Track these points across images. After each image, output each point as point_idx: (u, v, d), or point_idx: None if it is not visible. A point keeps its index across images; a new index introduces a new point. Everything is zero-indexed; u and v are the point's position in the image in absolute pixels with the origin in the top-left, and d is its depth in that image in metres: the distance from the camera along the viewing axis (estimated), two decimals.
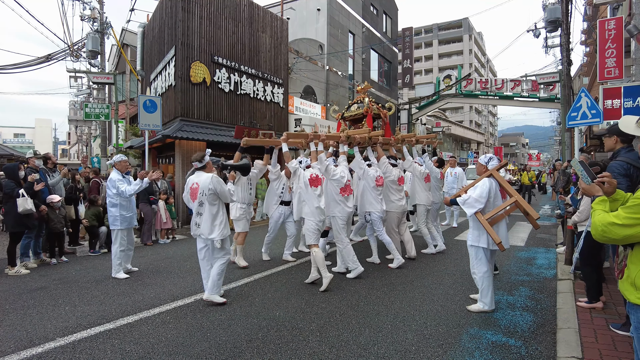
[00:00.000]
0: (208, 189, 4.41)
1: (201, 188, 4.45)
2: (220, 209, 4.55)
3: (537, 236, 9.14)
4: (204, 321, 3.98)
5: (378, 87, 28.46)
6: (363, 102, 7.33)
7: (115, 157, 6.01)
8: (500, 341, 3.54)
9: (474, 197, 4.13)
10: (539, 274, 5.85)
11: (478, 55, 69.70)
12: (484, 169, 4.39)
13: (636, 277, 1.94)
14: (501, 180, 4.35)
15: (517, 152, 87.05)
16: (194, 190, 4.52)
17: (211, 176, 4.45)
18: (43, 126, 61.93)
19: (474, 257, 4.28)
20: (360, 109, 7.28)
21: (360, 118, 7.32)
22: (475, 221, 4.20)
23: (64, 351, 3.34)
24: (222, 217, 4.54)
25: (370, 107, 7.14)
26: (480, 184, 4.21)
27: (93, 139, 31.40)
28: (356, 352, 3.32)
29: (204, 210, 4.48)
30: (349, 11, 23.95)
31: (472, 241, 4.28)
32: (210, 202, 4.46)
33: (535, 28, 17.46)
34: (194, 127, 12.60)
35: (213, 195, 4.44)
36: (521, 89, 29.06)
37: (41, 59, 16.94)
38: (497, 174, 4.34)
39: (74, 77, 23.22)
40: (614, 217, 1.89)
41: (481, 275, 4.22)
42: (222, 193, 4.48)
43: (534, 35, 17.77)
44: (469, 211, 4.12)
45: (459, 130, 47.16)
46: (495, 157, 4.47)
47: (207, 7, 13.49)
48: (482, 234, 4.18)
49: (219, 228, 4.48)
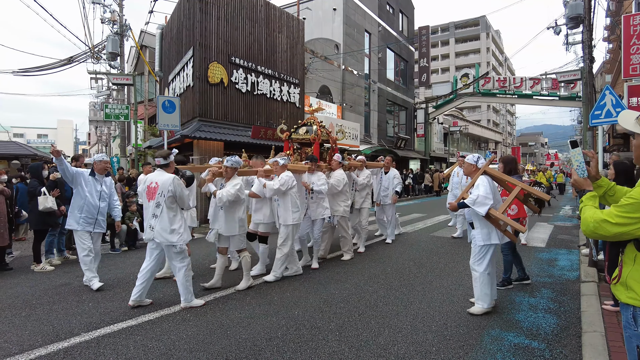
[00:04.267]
0: (168, 191, 4.17)
1: (160, 188, 4.20)
2: (178, 212, 4.32)
3: (558, 237, 8.95)
4: (224, 319, 4.02)
5: (394, 86, 28.30)
6: (312, 127, 6.90)
7: (96, 156, 5.62)
8: (523, 343, 3.47)
9: (482, 194, 3.95)
10: (561, 276, 5.72)
11: (496, 53, 68.68)
12: (474, 168, 4.29)
13: (628, 277, 1.93)
14: (498, 174, 4.29)
15: (536, 152, 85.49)
16: (152, 190, 4.26)
17: (172, 177, 4.22)
18: (65, 127, 63.58)
19: (478, 253, 4.16)
20: (308, 134, 6.84)
21: (309, 143, 6.91)
22: (481, 220, 4.08)
23: (89, 346, 3.41)
24: (181, 222, 4.31)
25: (318, 134, 6.75)
26: (481, 182, 4.06)
27: (112, 139, 32.02)
28: (376, 352, 3.30)
29: (160, 213, 4.23)
30: (365, 10, 23.87)
31: (482, 241, 4.13)
32: (168, 205, 4.21)
33: (556, 25, 17.08)
34: (211, 128, 12.73)
35: (172, 198, 4.21)
36: (541, 87, 28.50)
37: (63, 62, 17.36)
38: (491, 169, 4.26)
39: (94, 79, 23.74)
40: (607, 215, 1.87)
41: (482, 271, 4.12)
42: (181, 198, 4.25)
43: (554, 32, 17.39)
44: (482, 210, 3.92)
45: (476, 129, 46.51)
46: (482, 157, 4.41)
47: (225, 8, 13.61)
48: (492, 230, 4.10)
49: (178, 232, 4.24)
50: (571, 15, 15.07)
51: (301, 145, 7.13)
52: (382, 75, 26.37)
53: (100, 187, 5.45)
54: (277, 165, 5.41)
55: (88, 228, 5.27)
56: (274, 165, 5.45)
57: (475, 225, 4.20)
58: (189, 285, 4.36)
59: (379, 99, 25.79)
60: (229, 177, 4.96)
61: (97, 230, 5.41)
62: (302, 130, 6.99)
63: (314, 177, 6.01)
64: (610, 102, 6.56)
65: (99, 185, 5.44)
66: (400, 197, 9.44)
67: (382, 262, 6.47)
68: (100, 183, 5.47)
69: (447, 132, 38.25)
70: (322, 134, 6.91)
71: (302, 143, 7.09)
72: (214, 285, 5.04)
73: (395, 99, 28.66)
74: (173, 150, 4.66)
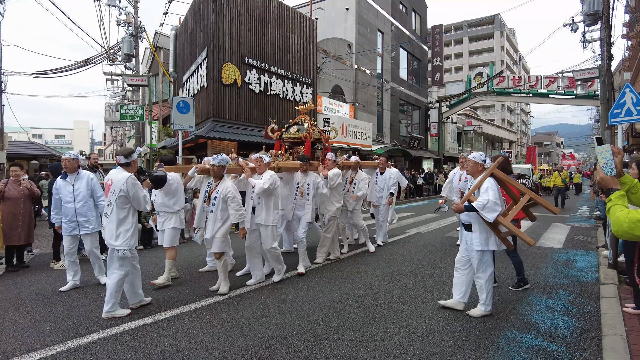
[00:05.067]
0: (120, 190, 3.96)
1: (113, 187, 4.01)
2: (129, 214, 4.10)
3: (575, 238, 8.80)
4: (239, 317, 4.04)
5: (407, 85, 28.15)
6: (303, 125, 6.70)
7: (66, 154, 5.30)
8: (541, 346, 3.42)
9: (492, 199, 3.74)
10: (579, 277, 5.62)
11: (510, 52, 67.80)
12: (481, 167, 4.07)
13: None
14: (506, 177, 4.09)
15: (552, 152, 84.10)
16: (107, 188, 4.11)
17: (127, 177, 3.98)
18: (81, 127, 64.72)
19: (480, 261, 3.99)
20: (300, 133, 6.64)
21: (300, 142, 6.70)
22: (482, 224, 3.93)
23: (108, 342, 3.47)
24: (130, 225, 4.09)
25: (310, 133, 6.55)
26: (490, 186, 3.84)
27: (127, 139, 32.49)
28: (391, 352, 3.29)
29: (110, 212, 4.05)
30: (377, 10, 23.79)
31: (480, 246, 3.95)
32: (119, 205, 4.01)
33: (573, 22, 16.80)
34: (225, 128, 12.83)
35: (123, 198, 4.00)
36: (557, 85, 28.04)
37: (80, 63, 17.68)
38: (499, 172, 4.06)
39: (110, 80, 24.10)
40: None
41: (487, 279, 4.00)
42: (135, 198, 4.02)
43: (571, 29, 17.10)
44: (491, 216, 3.72)
45: (490, 129, 45.99)
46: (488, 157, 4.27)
47: (238, 9, 13.70)
48: (490, 236, 3.96)
49: (124, 236, 4.03)
50: (589, 12, 14.81)
51: (292, 144, 6.92)
52: (395, 74, 26.24)
53: (71, 187, 5.18)
54: (262, 162, 5.19)
55: (73, 232, 5.16)
56: (258, 161, 5.20)
57: (473, 229, 3.99)
58: (117, 294, 4.06)
59: (391, 98, 25.68)
60: (218, 176, 4.80)
61: (83, 231, 5.19)
62: (293, 129, 6.79)
63: (308, 178, 5.86)
64: (630, 101, 6.41)
65: (70, 186, 5.18)
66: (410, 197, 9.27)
67: (397, 263, 6.43)
68: (72, 183, 5.19)
69: (461, 132, 37.93)
70: (314, 132, 6.70)
71: (293, 142, 6.88)
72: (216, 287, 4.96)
73: (409, 98, 28.50)
74: (137, 148, 4.52)
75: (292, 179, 5.98)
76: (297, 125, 6.81)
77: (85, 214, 5.19)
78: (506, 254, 5.05)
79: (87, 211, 5.22)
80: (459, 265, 4.23)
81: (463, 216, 4.11)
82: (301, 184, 5.87)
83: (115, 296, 4.05)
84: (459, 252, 4.26)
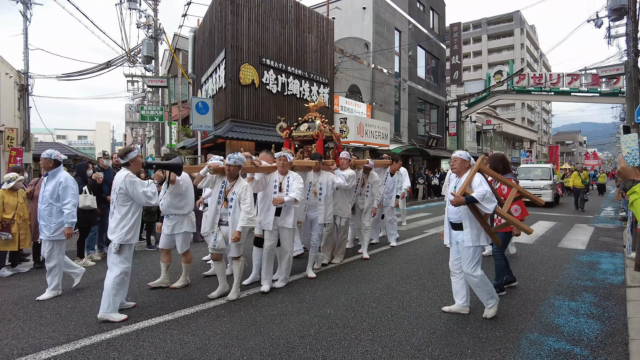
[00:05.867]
0: (119, 188, 4.03)
1: (113, 185, 4.12)
2: (131, 211, 4.11)
3: (600, 239, 8.56)
4: (257, 316, 4.07)
5: (425, 84, 27.87)
6: (314, 122, 6.43)
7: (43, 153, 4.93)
8: (565, 349, 3.34)
9: (490, 190, 3.73)
10: (604, 280, 5.46)
11: (530, 49, 66.42)
12: (467, 164, 4.05)
13: None
14: (493, 173, 4.09)
15: (574, 151, 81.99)
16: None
17: (125, 175, 4.04)
18: (103, 128, 66.20)
19: (472, 258, 3.89)
20: (310, 130, 6.36)
21: (311, 140, 6.45)
22: (472, 221, 3.88)
23: (129, 338, 3.54)
24: (130, 221, 4.08)
25: (322, 130, 6.27)
26: (481, 180, 3.82)
27: (147, 139, 33.10)
28: (410, 352, 3.26)
29: (113, 209, 4.13)
30: (395, 8, 23.62)
31: (472, 242, 3.87)
32: (120, 203, 4.07)
33: (597, 17, 16.35)
34: (243, 128, 12.95)
35: (124, 196, 4.05)
36: (579, 83, 27.34)
37: (102, 66, 18.10)
38: (486, 168, 4.09)
39: (130, 82, 24.62)
40: None
41: (480, 276, 3.89)
42: (135, 195, 4.04)
43: (595, 25, 16.65)
44: (491, 206, 3.67)
45: (510, 128, 45.14)
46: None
47: (255, 10, 13.80)
48: (481, 232, 3.90)
49: (120, 230, 4.02)
50: (614, 6, 14.39)
51: (302, 143, 6.71)
52: (413, 73, 26.01)
53: (44, 187, 4.88)
54: (286, 160, 4.95)
55: (42, 235, 4.83)
56: (282, 160, 4.94)
57: (464, 226, 3.92)
58: (115, 296, 3.98)
59: (409, 97, 25.46)
60: (233, 176, 4.56)
61: (42, 236, 4.83)
62: (303, 127, 6.52)
63: (321, 177, 5.63)
64: None
65: (43, 187, 4.89)
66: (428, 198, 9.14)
67: (414, 263, 6.38)
68: (45, 183, 4.90)
69: (480, 131, 37.33)
70: (325, 130, 6.41)
71: (303, 141, 6.64)
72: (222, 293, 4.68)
73: (427, 97, 28.21)
74: (132, 146, 4.39)
75: (305, 178, 5.57)
76: (307, 122, 6.56)
77: (45, 219, 4.76)
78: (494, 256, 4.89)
79: (48, 216, 4.76)
80: (454, 269, 4.11)
81: (452, 215, 4.02)
82: (314, 184, 5.63)
83: (111, 297, 3.94)
84: (451, 256, 4.14)
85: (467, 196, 3.73)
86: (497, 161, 4.89)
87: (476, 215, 3.85)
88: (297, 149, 6.69)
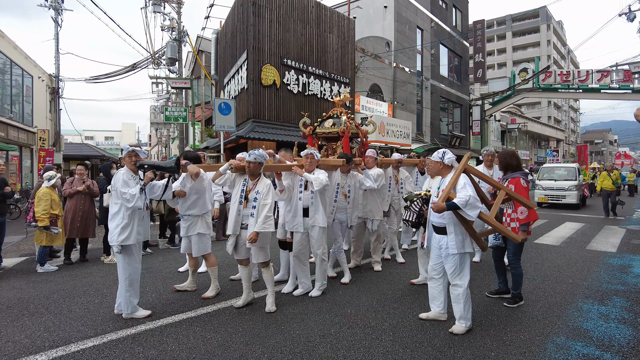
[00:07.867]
0: (112, 186, 4.09)
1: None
2: (121, 210, 3.98)
3: (631, 242, 8.24)
4: (278, 314, 4.10)
5: (448, 82, 27.48)
6: (340, 118, 6.11)
7: None
8: (594, 355, 3.23)
9: (473, 195, 3.46)
10: (637, 284, 5.26)
11: (557, 46, 64.53)
12: (441, 165, 3.80)
13: None
14: (479, 174, 3.87)
15: (604, 150, 79.19)
16: None
17: (116, 172, 4.11)
18: (128, 129, 67.96)
19: (458, 266, 3.64)
20: (335, 127, 6.07)
21: (336, 137, 6.16)
22: (457, 225, 3.62)
23: (153, 334, 3.63)
24: (119, 221, 3.97)
25: (348, 127, 5.96)
26: (465, 182, 3.56)
27: (172, 140, 33.77)
28: (431, 354, 3.22)
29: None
30: (416, 6, 23.39)
31: (457, 249, 3.62)
32: (113, 201, 4.06)
33: (630, 11, 15.77)
34: (265, 128, 13.06)
35: (114, 193, 4.03)
36: (610, 79, 26.42)
37: (128, 68, 18.59)
38: (471, 167, 3.83)
39: (155, 83, 25.18)
40: None
41: (465, 286, 3.63)
42: (118, 194, 3.97)
43: (628, 19, 16.09)
44: (474, 213, 3.43)
45: (536, 126, 44.01)
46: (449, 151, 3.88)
47: (277, 11, 13.90)
48: (466, 237, 3.66)
49: (112, 232, 3.97)
50: None
51: (327, 140, 6.41)
52: (435, 71, 25.68)
53: None
54: (313, 158, 4.64)
55: None
56: (309, 158, 4.64)
57: (448, 231, 3.66)
58: (127, 293, 4.01)
59: (432, 96, 25.15)
60: (255, 174, 4.28)
61: None
62: (327, 123, 6.20)
63: (349, 179, 5.36)
64: None
65: None
66: None
67: None
68: None
69: (505, 130, 36.56)
70: (351, 126, 6.11)
71: (327, 138, 6.34)
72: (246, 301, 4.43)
73: (450, 95, 27.80)
74: (124, 145, 4.28)
75: (330, 177, 5.06)
76: (332, 118, 6.25)
77: None
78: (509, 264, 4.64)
79: None
80: (434, 274, 3.88)
81: (435, 218, 3.74)
82: (342, 185, 5.31)
83: (125, 294, 3.99)
84: (431, 260, 3.89)
85: (448, 202, 3.49)
86: (508, 157, 4.54)
87: (460, 220, 3.62)
88: (321, 147, 6.44)
